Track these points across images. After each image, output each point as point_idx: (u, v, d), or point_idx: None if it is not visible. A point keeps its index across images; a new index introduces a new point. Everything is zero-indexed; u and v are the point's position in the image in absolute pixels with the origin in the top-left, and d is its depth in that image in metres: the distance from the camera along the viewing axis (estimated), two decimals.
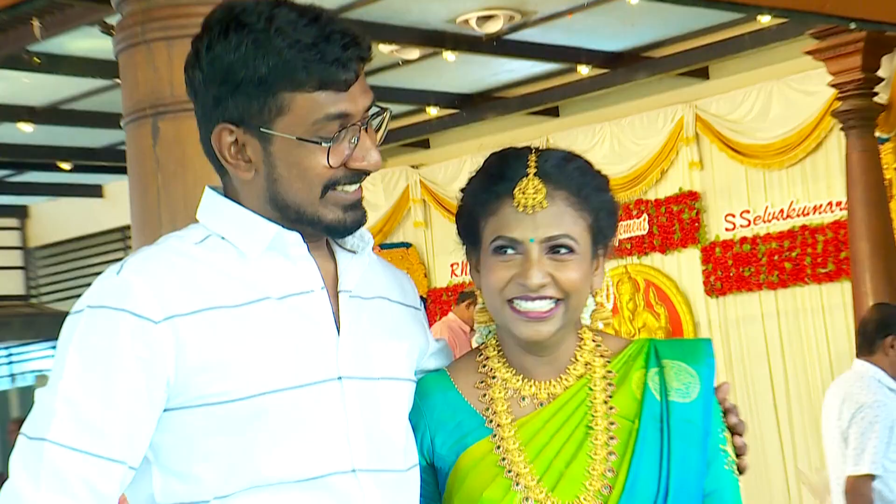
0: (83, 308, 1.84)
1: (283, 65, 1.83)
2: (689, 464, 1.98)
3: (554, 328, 1.98)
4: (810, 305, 8.59)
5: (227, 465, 1.84)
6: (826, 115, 8.16)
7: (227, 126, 1.88)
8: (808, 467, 8.34)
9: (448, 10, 7.56)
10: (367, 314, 1.99)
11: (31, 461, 1.77)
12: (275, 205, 1.91)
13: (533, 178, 1.99)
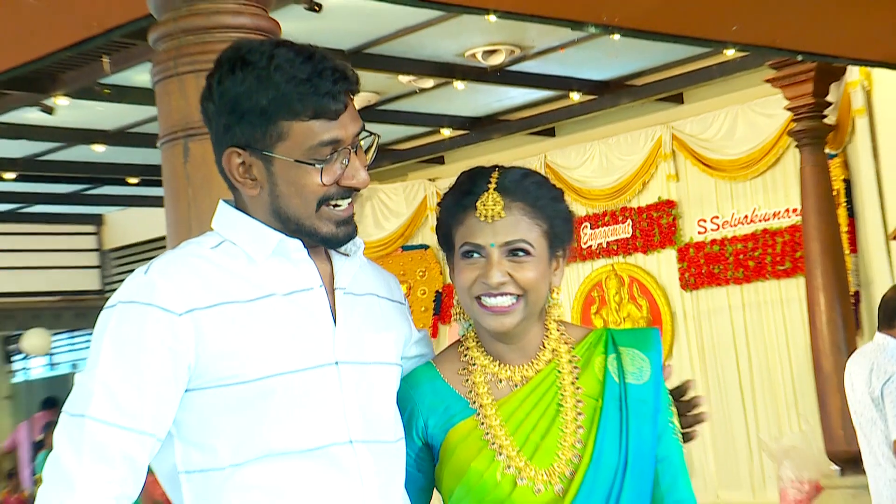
0: (116, 303, 1.86)
1: (282, 97, 1.84)
2: (644, 436, 2.01)
3: (516, 320, 2.01)
4: (770, 298, 8.56)
5: (239, 438, 1.84)
6: (783, 134, 8.13)
7: (235, 150, 1.89)
8: (768, 436, 8.32)
9: (458, 46, 7.56)
10: (359, 308, 2.00)
11: (74, 435, 1.78)
12: (277, 217, 1.92)
13: (493, 192, 2.02)
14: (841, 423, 7.61)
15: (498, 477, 1.99)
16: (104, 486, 1.75)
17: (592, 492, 1.96)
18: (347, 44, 7.32)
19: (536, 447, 2.00)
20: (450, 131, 9.65)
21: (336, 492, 1.87)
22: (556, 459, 1.99)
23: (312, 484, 1.86)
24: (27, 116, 7.98)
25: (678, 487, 2.06)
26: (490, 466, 1.99)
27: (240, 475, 1.84)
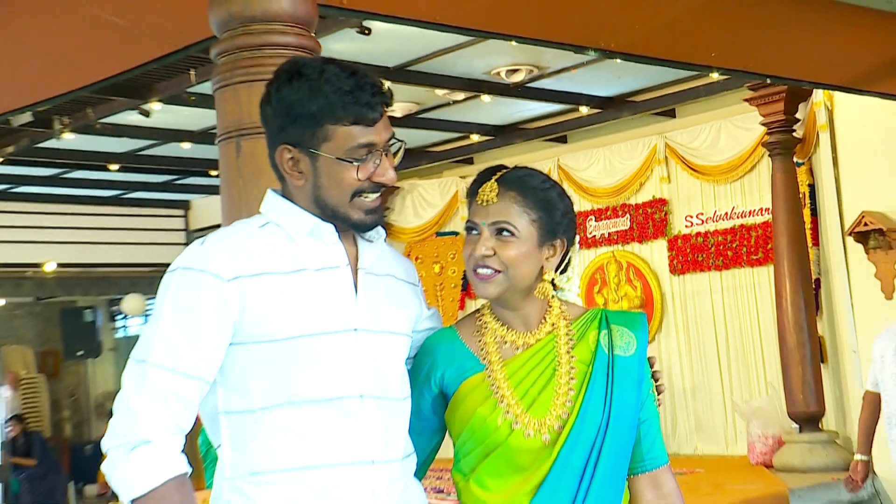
0: (176, 268, 1.89)
1: (329, 105, 1.86)
2: (627, 400, 2.01)
3: (497, 290, 2.02)
4: (745, 283, 8.51)
5: (269, 386, 1.86)
6: (758, 145, 8.08)
7: (286, 147, 1.91)
8: (740, 399, 8.31)
9: (485, 65, 7.55)
10: (378, 286, 2.01)
11: (137, 377, 1.82)
12: (317, 204, 1.93)
13: (493, 182, 2.03)
14: (801, 388, 7.60)
15: (498, 421, 1.98)
16: (160, 419, 1.79)
17: (576, 443, 1.96)
18: (392, 62, 7.32)
19: (533, 400, 1.99)
20: (478, 137, 9.62)
21: (345, 435, 1.89)
22: (549, 413, 1.98)
23: (326, 428, 1.87)
24: (128, 118, 8.03)
25: (656, 445, 2.07)
26: (493, 413, 1.99)
27: (268, 417, 1.86)
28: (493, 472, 1.99)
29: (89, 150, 9.17)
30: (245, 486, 1.87)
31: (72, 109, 7.68)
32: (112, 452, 1.79)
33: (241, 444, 1.88)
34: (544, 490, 1.95)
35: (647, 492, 2.05)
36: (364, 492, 1.89)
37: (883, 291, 7.45)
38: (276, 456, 1.86)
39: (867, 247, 7.44)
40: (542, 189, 2.05)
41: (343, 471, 1.88)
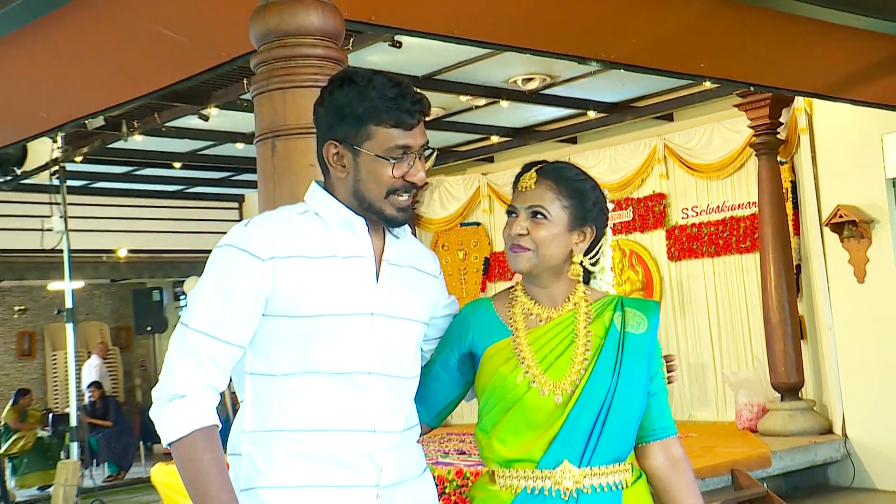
0: (223, 245, 1.89)
1: (373, 108, 1.87)
2: (635, 373, 1.99)
3: (526, 265, 2.03)
4: (734, 268, 8.47)
5: (291, 356, 1.87)
6: (746, 146, 8.04)
7: (333, 142, 1.91)
8: (729, 372, 8.29)
9: (503, 74, 7.56)
10: (398, 276, 1.99)
11: (180, 339, 1.84)
12: (356, 197, 1.92)
13: (532, 172, 2.06)
14: (783, 361, 7.58)
15: (517, 380, 1.98)
16: (195, 377, 1.81)
17: (586, 405, 1.95)
18: (420, 71, 7.34)
19: (551, 364, 1.99)
20: (497, 138, 9.61)
21: (352, 406, 1.89)
22: (564, 378, 1.97)
23: (336, 397, 1.88)
24: (189, 122, 8.09)
25: (664, 416, 2.05)
26: (513, 372, 1.99)
27: (287, 382, 1.87)
28: (512, 428, 1.98)
29: (156, 150, 9.26)
30: (261, 440, 1.88)
31: (141, 114, 7.74)
32: (155, 402, 1.83)
33: (261, 403, 1.89)
34: (556, 445, 1.94)
35: (658, 456, 2.04)
36: (364, 456, 1.89)
37: (856, 276, 7.42)
38: (292, 417, 1.86)
39: (842, 236, 7.42)
40: (576, 180, 2.05)
41: (348, 436, 1.88)
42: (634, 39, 4.48)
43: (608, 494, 1.95)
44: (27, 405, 11.57)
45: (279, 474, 1.85)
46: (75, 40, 3.95)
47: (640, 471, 2.06)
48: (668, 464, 2.04)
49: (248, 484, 1.86)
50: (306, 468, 1.85)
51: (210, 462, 1.79)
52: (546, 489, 1.95)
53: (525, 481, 1.97)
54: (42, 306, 14.32)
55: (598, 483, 1.95)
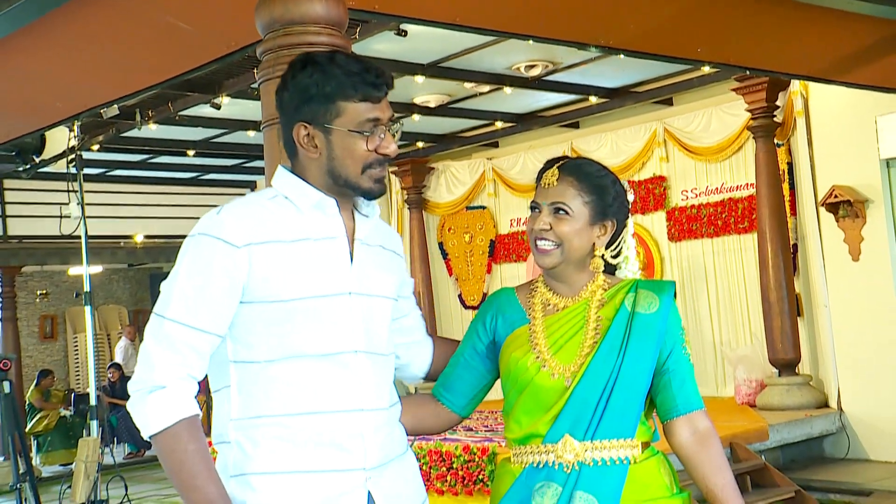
0: (195, 234, 1.83)
1: (340, 84, 1.83)
2: (643, 352, 1.98)
3: (554, 261, 2.04)
4: (732, 248, 8.45)
5: (273, 342, 1.82)
6: (744, 129, 8.01)
7: (303, 124, 1.87)
8: (728, 348, 8.30)
9: (507, 61, 7.53)
10: (370, 255, 1.96)
11: (156, 329, 1.78)
12: (331, 176, 1.88)
13: (555, 169, 2.07)
14: (780, 338, 7.58)
15: (528, 363, 2.00)
16: (174, 367, 1.76)
17: (590, 383, 1.95)
18: (426, 59, 7.31)
19: (560, 347, 2.00)
20: (501, 124, 9.58)
21: (341, 386, 1.85)
22: (572, 361, 1.98)
23: (324, 379, 1.84)
24: (202, 111, 8.08)
25: (687, 390, 2.00)
26: (525, 356, 2.01)
27: (272, 369, 1.82)
28: (525, 409, 2.00)
29: (170, 138, 9.26)
30: (249, 426, 1.82)
31: (155, 104, 7.76)
32: (133, 395, 1.77)
33: (247, 390, 1.83)
34: (560, 420, 1.96)
35: (683, 431, 2.00)
36: (354, 435, 1.84)
37: (850, 254, 7.41)
38: (278, 402, 1.81)
39: (837, 216, 7.40)
40: (597, 176, 2.05)
41: (337, 417, 1.83)
42: (633, 25, 4.47)
43: (611, 468, 1.94)
44: (49, 385, 11.65)
45: (269, 460, 1.80)
46: (89, 32, 3.95)
47: (656, 450, 2.03)
48: (695, 438, 1.99)
49: (237, 470, 1.81)
50: (296, 452, 1.80)
51: (195, 452, 1.74)
52: (549, 462, 1.96)
53: (532, 456, 1.98)
54: (63, 290, 14.40)
55: (599, 457, 1.94)
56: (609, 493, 1.93)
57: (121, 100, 4.48)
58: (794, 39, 5.19)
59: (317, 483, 1.80)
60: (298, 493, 1.79)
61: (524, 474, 1.99)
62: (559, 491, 1.94)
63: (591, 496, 1.92)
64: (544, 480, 1.96)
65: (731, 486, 1.96)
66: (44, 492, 5.17)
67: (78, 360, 14.38)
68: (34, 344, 14.14)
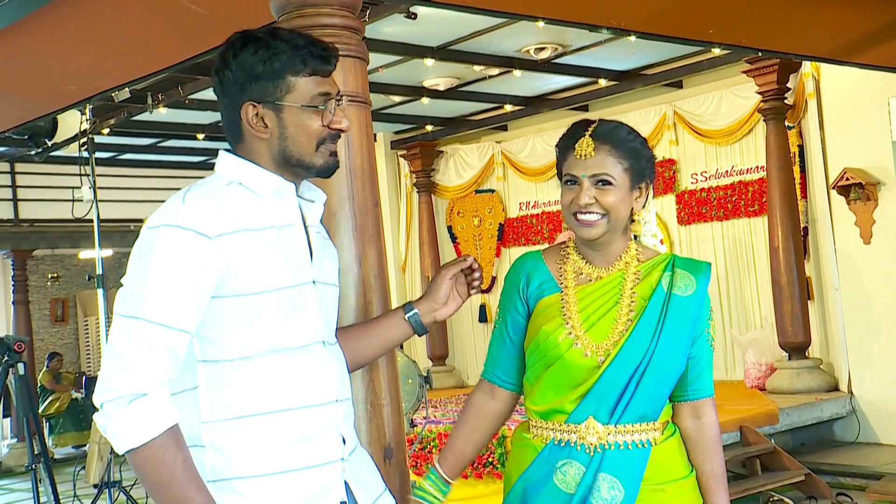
0: (160, 225, 1.70)
1: (288, 59, 1.76)
2: (678, 335, 1.96)
3: (600, 232, 1.98)
4: (742, 231, 8.43)
5: (247, 337, 1.75)
6: (755, 111, 7.98)
7: (251, 103, 1.78)
8: (738, 332, 8.29)
9: (516, 44, 7.51)
10: (320, 241, 1.91)
11: (130, 332, 1.66)
12: (282, 157, 1.80)
13: (588, 137, 1.99)
14: (790, 322, 7.57)
15: (560, 339, 1.97)
16: (153, 372, 1.65)
17: (622, 364, 1.93)
18: (435, 42, 7.30)
19: (593, 324, 1.97)
20: (510, 107, 9.55)
21: (316, 379, 1.81)
22: (605, 338, 1.96)
23: (301, 373, 1.79)
24: (211, 94, 7.96)
25: (702, 378, 2.01)
26: (556, 330, 1.98)
27: (244, 366, 1.74)
28: (551, 384, 1.98)
29: (179, 122, 9.25)
30: (225, 428, 1.73)
31: (165, 87, 7.75)
32: (108, 406, 1.64)
33: (217, 390, 1.73)
34: (586, 401, 1.94)
35: (687, 418, 2.01)
36: (331, 428, 1.81)
37: (862, 237, 7.39)
38: (254, 401, 1.74)
39: (849, 199, 7.37)
40: (630, 140, 2.00)
41: (314, 411, 1.78)
42: (644, 7, 4.44)
43: (634, 452, 1.94)
44: (58, 368, 11.73)
45: (251, 462, 1.73)
46: (102, 15, 3.95)
47: (673, 427, 2.03)
48: (695, 426, 2.01)
49: (217, 475, 1.72)
50: (277, 452, 1.74)
51: (184, 463, 1.65)
52: (572, 442, 1.95)
53: (554, 433, 1.98)
54: (74, 274, 14.45)
55: (622, 440, 1.94)
56: (632, 476, 1.93)
57: (133, 82, 4.47)
58: (807, 20, 5.16)
59: (301, 481, 1.76)
60: (284, 494, 1.74)
61: (546, 450, 1.99)
62: (582, 471, 1.94)
63: (615, 478, 1.93)
64: (566, 458, 1.96)
65: (715, 477, 2.01)
66: (57, 473, 5.21)
67: (88, 343, 14.45)
68: (45, 327, 14.21)
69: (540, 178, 9.92)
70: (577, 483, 1.94)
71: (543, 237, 10.02)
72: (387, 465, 2.56)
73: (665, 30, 4.64)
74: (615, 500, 1.92)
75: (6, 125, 5.17)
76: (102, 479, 5.07)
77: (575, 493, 1.93)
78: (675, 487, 1.97)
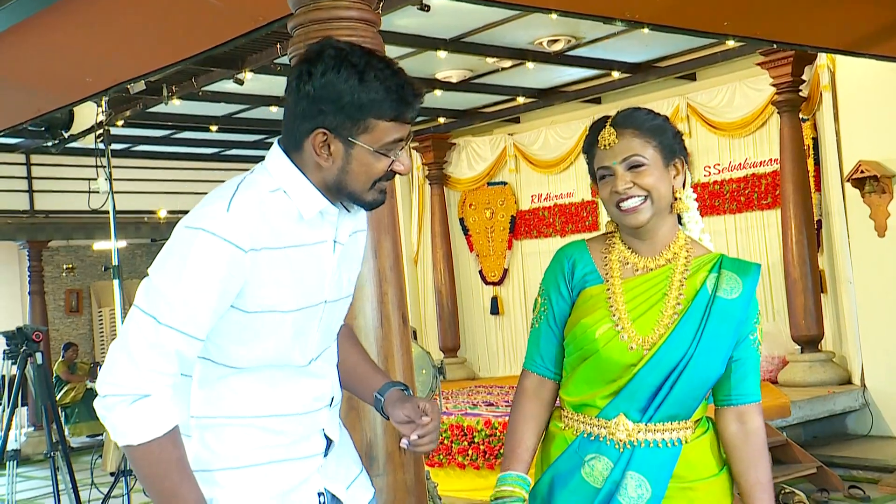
0: (199, 229, 1.66)
1: (376, 101, 1.68)
2: (720, 338, 1.91)
3: (647, 216, 1.94)
4: (756, 224, 8.42)
5: (248, 351, 1.75)
6: (768, 104, 7.96)
7: (322, 130, 1.70)
8: None
9: (529, 36, 7.50)
10: (346, 254, 1.85)
11: (147, 332, 1.65)
12: (336, 186, 1.74)
13: (608, 127, 1.96)
14: (803, 315, 7.56)
15: (597, 333, 1.94)
16: (161, 375, 1.66)
17: (657, 366, 1.91)
18: (449, 34, 7.30)
19: (639, 316, 1.94)
20: (523, 99, 9.54)
21: (311, 391, 1.84)
22: (650, 332, 1.93)
23: (294, 386, 1.81)
24: (225, 86, 8.08)
25: (746, 382, 1.95)
26: (595, 324, 1.95)
27: (243, 374, 1.77)
28: (586, 377, 1.96)
29: (193, 114, 9.27)
30: (212, 425, 1.76)
31: (179, 79, 7.77)
32: (111, 399, 1.65)
33: (210, 388, 1.77)
34: (619, 398, 1.92)
35: (731, 424, 1.95)
36: (316, 430, 1.85)
37: (876, 230, 7.37)
38: (246, 405, 1.77)
39: (863, 191, 7.35)
40: (651, 119, 1.97)
41: (303, 417, 1.82)
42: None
43: (664, 451, 1.92)
44: (74, 358, 11.81)
45: (234, 456, 1.76)
46: (118, 8, 3.98)
47: (707, 423, 2.00)
48: (740, 432, 1.95)
49: (199, 466, 1.73)
50: (260, 448, 1.78)
51: (179, 461, 1.67)
52: (602, 437, 1.94)
53: (585, 426, 1.96)
54: (88, 265, 14.53)
55: (652, 438, 1.92)
56: (660, 474, 1.91)
57: (149, 74, 4.51)
58: (822, 12, 5.14)
59: (279, 472, 1.79)
60: (262, 484, 1.78)
61: (576, 443, 1.97)
62: (610, 466, 1.93)
63: (643, 477, 1.91)
64: (595, 453, 1.95)
65: (761, 486, 1.94)
66: (73, 462, 5.25)
67: (103, 333, 14.54)
68: (60, 318, 14.30)
69: (552, 170, 9.92)
70: (605, 478, 1.93)
71: (555, 230, 10.02)
72: (401, 455, 2.59)
73: (680, 22, 4.64)
74: (642, 499, 1.90)
75: (25, 117, 5.21)
76: (119, 467, 5.11)
77: (602, 487, 1.92)
78: (705, 485, 1.94)
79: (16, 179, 10.57)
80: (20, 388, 5.05)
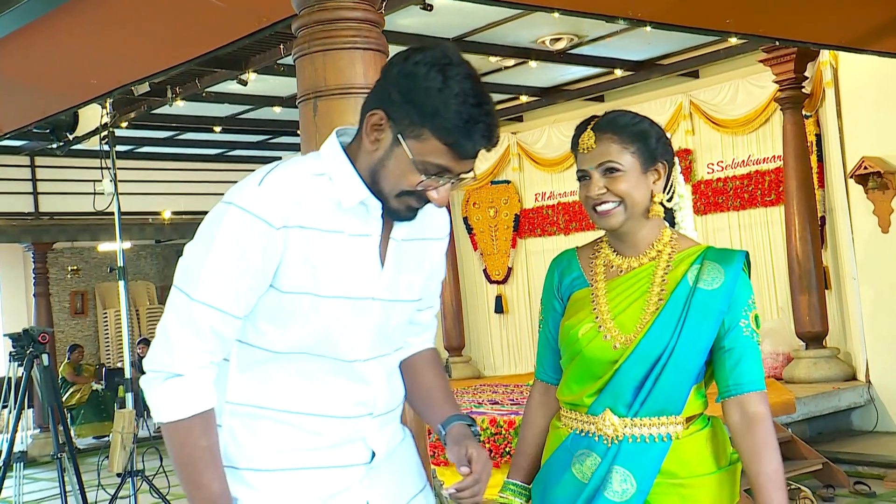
0: (232, 204, 1.63)
1: (444, 117, 1.58)
2: (701, 330, 1.91)
3: (619, 220, 1.96)
4: (759, 221, 8.41)
5: (286, 335, 1.69)
6: (771, 101, 7.94)
7: (382, 112, 1.64)
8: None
9: (532, 35, 7.51)
10: (405, 254, 1.79)
11: (181, 309, 1.64)
12: (371, 175, 1.69)
13: (589, 131, 1.97)
14: (808, 311, 7.55)
15: (580, 333, 1.97)
16: (195, 354, 1.63)
17: (638, 360, 1.92)
18: (451, 33, 7.30)
19: (620, 312, 1.96)
20: (526, 97, 9.54)
21: (354, 394, 1.76)
22: (632, 329, 1.94)
23: (335, 384, 1.74)
24: (228, 87, 8.10)
25: (741, 371, 1.90)
26: (581, 323, 1.98)
27: (283, 360, 1.71)
28: (576, 377, 1.99)
29: (197, 115, 9.30)
30: (247, 414, 1.71)
31: (182, 80, 7.79)
32: (149, 375, 1.65)
33: (250, 374, 1.72)
34: (603, 394, 1.94)
35: (733, 413, 1.92)
36: (357, 439, 1.77)
37: (880, 226, 7.37)
38: (284, 396, 1.70)
39: (866, 188, 7.35)
40: (633, 123, 1.97)
41: (343, 422, 1.74)
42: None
43: (651, 446, 1.92)
44: (79, 360, 11.84)
45: (266, 455, 1.70)
46: (122, 10, 3.99)
47: (705, 421, 1.99)
48: (743, 421, 1.91)
49: (228, 461, 1.69)
50: (297, 450, 1.70)
51: (206, 449, 1.63)
52: (591, 433, 1.96)
53: (577, 423, 1.99)
54: (93, 267, 14.56)
55: (639, 433, 1.92)
56: (646, 470, 1.91)
57: (154, 76, 4.51)
58: (825, 8, 5.14)
59: (316, 479, 1.72)
60: (297, 491, 1.70)
61: (569, 439, 2.00)
62: (598, 462, 1.94)
63: (628, 472, 1.91)
64: (585, 449, 1.97)
65: (768, 477, 1.88)
66: (80, 463, 5.27)
67: (108, 335, 14.56)
68: (65, 319, 14.33)
69: (555, 168, 9.93)
70: (592, 473, 1.94)
71: (559, 228, 10.03)
72: None
73: (682, 20, 4.65)
74: (626, 493, 1.90)
75: (30, 119, 5.23)
76: (126, 468, 5.14)
77: (588, 482, 1.93)
78: (698, 483, 1.93)
79: (20, 182, 10.59)
80: (26, 390, 5.07)
